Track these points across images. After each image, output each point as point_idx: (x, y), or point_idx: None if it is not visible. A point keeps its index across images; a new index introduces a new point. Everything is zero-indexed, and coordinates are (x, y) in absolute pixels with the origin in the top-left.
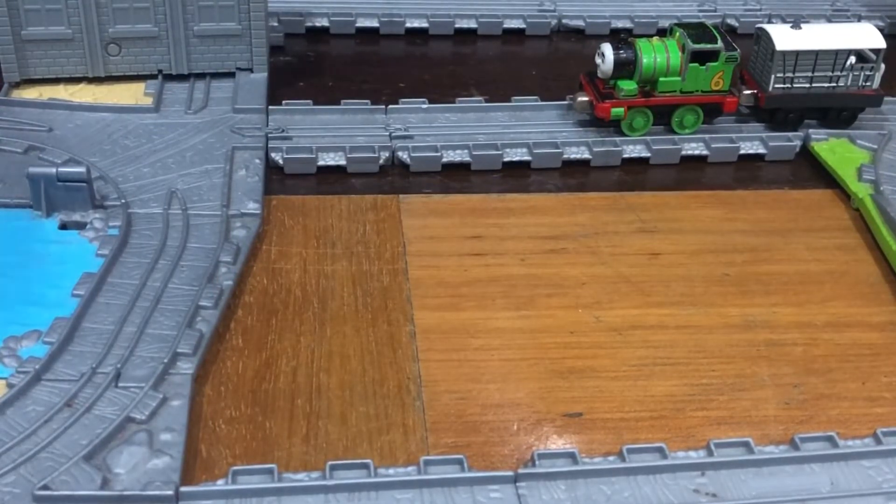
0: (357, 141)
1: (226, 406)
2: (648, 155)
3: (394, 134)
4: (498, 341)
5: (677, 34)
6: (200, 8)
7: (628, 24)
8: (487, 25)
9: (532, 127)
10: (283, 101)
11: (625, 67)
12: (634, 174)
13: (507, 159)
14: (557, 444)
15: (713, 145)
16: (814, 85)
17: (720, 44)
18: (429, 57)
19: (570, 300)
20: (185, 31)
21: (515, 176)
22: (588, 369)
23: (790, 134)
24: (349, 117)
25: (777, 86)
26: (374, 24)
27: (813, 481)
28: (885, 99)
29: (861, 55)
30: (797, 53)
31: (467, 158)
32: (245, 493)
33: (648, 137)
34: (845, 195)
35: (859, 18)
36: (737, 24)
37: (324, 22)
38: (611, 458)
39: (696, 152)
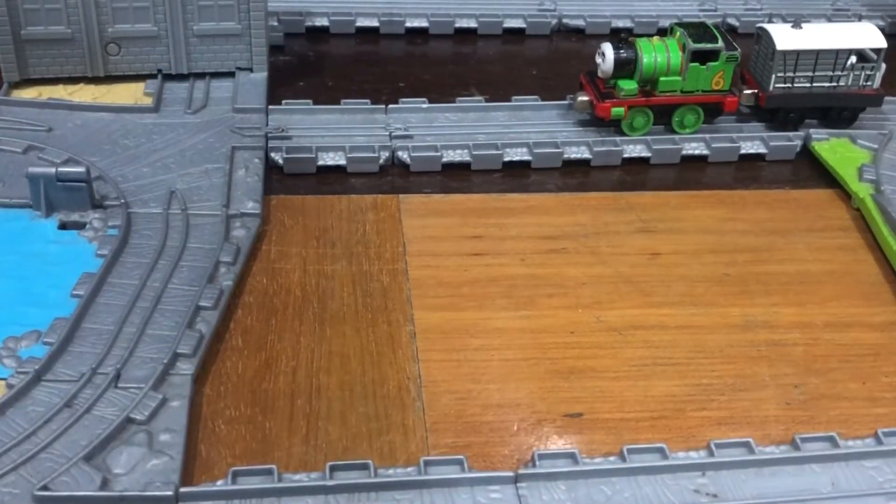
0: (357, 141)
1: (225, 406)
2: (649, 155)
3: (394, 134)
4: (498, 341)
5: (678, 34)
6: (200, 8)
7: (629, 24)
8: (487, 25)
9: (532, 127)
10: (283, 101)
11: (625, 67)
12: (635, 174)
13: (507, 159)
14: (558, 444)
15: (714, 145)
16: (814, 84)
17: (721, 43)
18: (429, 57)
19: (571, 300)
20: (184, 30)
21: (515, 176)
22: (588, 369)
23: (791, 134)
24: (349, 117)
25: (778, 85)
26: (374, 23)
27: (814, 482)
28: (886, 99)
29: (862, 55)
30: (798, 53)
31: (467, 158)
32: (245, 493)
33: (649, 137)
34: (846, 195)
35: (860, 18)
36: (737, 24)
37: (324, 21)
38: (611, 458)
39: (697, 152)
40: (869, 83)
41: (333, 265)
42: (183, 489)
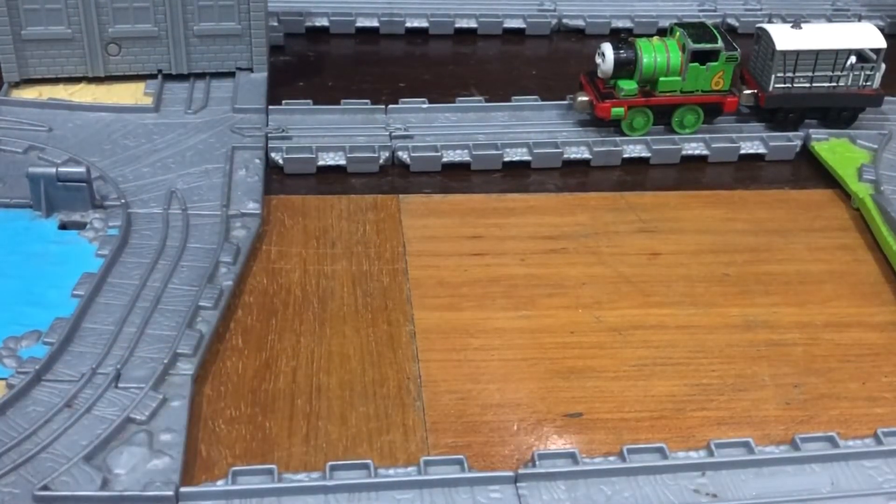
0: (357, 141)
1: (226, 406)
2: (649, 155)
3: (394, 134)
4: (498, 341)
5: (677, 34)
6: (200, 8)
7: (628, 24)
8: (487, 25)
9: (532, 127)
10: (283, 101)
11: (625, 67)
12: (634, 174)
13: (507, 159)
14: (558, 444)
15: (713, 145)
16: (814, 85)
17: (720, 43)
18: (429, 57)
19: (571, 300)
20: (185, 30)
21: (515, 176)
22: (588, 369)
23: (790, 134)
24: (349, 117)
25: (777, 85)
26: (374, 23)
27: (813, 481)
28: (886, 99)
29: (861, 55)
30: (797, 53)
31: (467, 158)
32: (245, 493)
33: (648, 137)
34: (845, 195)
35: (859, 18)
36: (737, 24)
37: (324, 22)
38: (611, 458)
39: (697, 152)
40: (868, 83)
41: (333, 265)
42: (183, 489)
